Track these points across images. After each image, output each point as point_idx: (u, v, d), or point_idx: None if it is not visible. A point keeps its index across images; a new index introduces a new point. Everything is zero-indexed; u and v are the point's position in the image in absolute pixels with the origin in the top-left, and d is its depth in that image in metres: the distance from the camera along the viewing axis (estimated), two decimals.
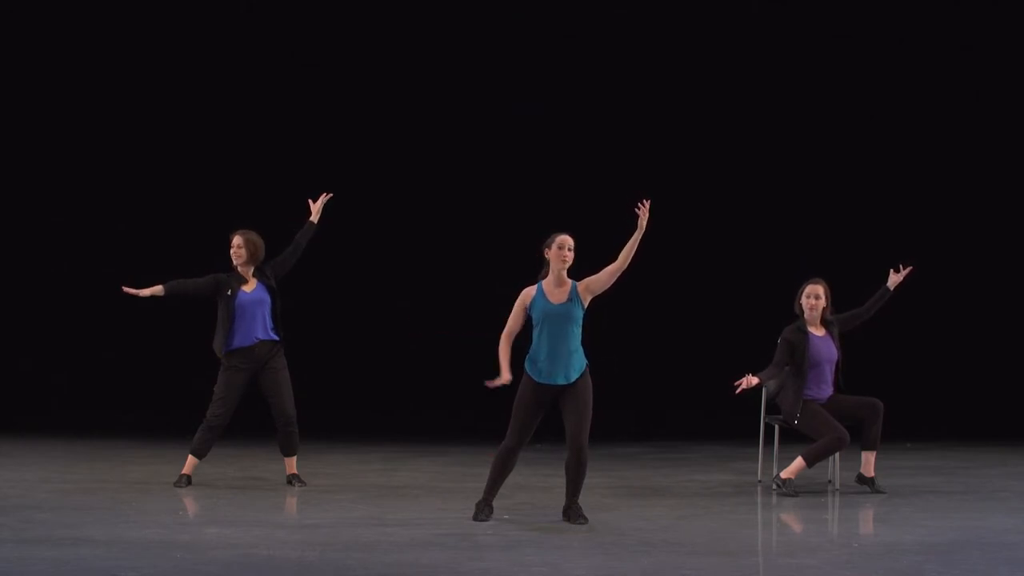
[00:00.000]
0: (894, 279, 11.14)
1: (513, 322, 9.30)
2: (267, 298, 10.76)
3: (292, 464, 11.02)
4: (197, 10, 15.71)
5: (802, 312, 10.90)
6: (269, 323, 10.77)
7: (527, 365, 9.25)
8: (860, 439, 10.85)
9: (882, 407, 10.81)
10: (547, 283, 9.24)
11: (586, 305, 9.22)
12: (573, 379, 9.18)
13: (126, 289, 10.67)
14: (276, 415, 10.84)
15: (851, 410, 10.82)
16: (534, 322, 9.22)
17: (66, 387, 16.10)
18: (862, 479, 10.91)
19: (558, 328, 9.15)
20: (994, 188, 15.64)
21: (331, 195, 11.10)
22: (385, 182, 15.92)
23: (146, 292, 10.65)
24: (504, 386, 9.17)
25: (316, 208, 11.07)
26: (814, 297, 10.87)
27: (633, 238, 9.10)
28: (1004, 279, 15.63)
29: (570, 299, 9.19)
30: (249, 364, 10.71)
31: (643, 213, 9.12)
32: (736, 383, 10.31)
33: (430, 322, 15.78)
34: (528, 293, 9.26)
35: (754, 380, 10.37)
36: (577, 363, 9.21)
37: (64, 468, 11.99)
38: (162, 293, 10.68)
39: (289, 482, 10.96)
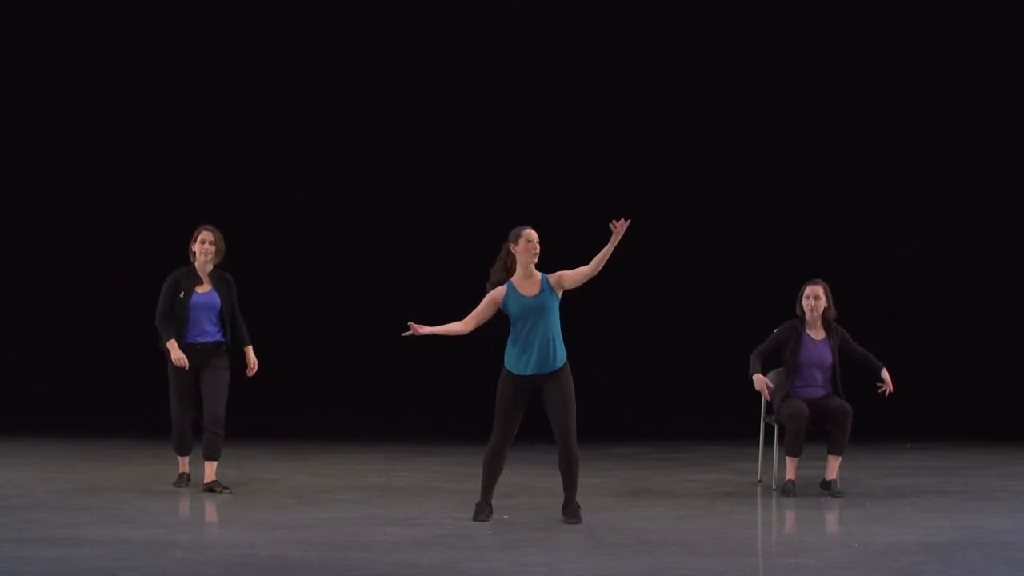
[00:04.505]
0: (885, 378, 10.83)
1: (479, 313, 9.29)
2: (218, 301, 10.76)
3: (212, 470, 10.77)
4: (186, 10, 15.69)
5: (803, 314, 10.90)
6: (217, 325, 10.78)
7: (507, 360, 9.28)
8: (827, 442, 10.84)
9: (851, 412, 10.69)
10: (516, 278, 9.29)
11: (559, 296, 9.25)
12: (555, 368, 9.21)
13: (175, 360, 10.61)
14: (205, 413, 10.75)
15: (827, 412, 10.76)
16: (512, 318, 9.26)
17: (64, 387, 16.08)
18: (823, 483, 10.81)
19: (537, 319, 9.20)
20: (994, 187, 15.61)
21: (255, 371, 10.91)
22: (385, 181, 15.90)
23: (177, 355, 10.61)
24: (413, 335, 9.23)
25: (250, 365, 10.90)
26: (813, 298, 10.86)
27: (606, 249, 9.12)
28: (1004, 279, 15.61)
29: (542, 290, 9.24)
30: (195, 361, 10.70)
31: (617, 231, 9.11)
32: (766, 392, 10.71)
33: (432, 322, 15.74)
34: (500, 291, 9.29)
35: (766, 382, 10.70)
36: (559, 351, 9.26)
37: (64, 468, 11.99)
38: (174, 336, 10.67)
39: (211, 489, 10.69)
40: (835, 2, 15.50)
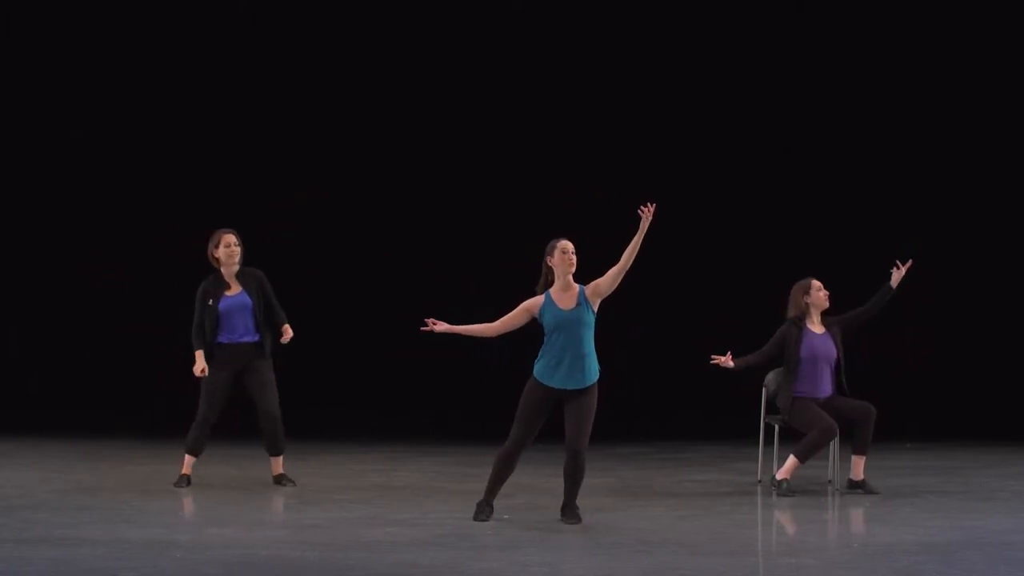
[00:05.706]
0: (896, 276, 11.03)
1: (509, 319, 9.30)
2: (250, 301, 10.75)
3: (279, 464, 10.98)
4: (186, 10, 15.68)
5: (805, 310, 10.86)
6: (252, 325, 10.77)
7: (536, 369, 9.25)
8: (851, 442, 10.84)
9: (874, 412, 10.76)
10: (554, 290, 9.24)
11: (595, 309, 9.23)
12: (588, 384, 9.19)
13: (196, 372, 10.69)
14: (261, 415, 10.80)
15: (844, 412, 10.79)
16: (547, 329, 9.23)
17: (65, 386, 16.08)
18: (852, 484, 10.85)
19: (572, 334, 9.15)
20: (994, 187, 15.61)
21: (287, 339, 10.91)
22: (385, 181, 15.90)
23: (200, 365, 10.68)
24: (431, 331, 9.28)
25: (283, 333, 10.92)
26: (824, 289, 10.88)
27: (635, 240, 9.12)
28: (1003, 279, 15.61)
29: (579, 304, 9.20)
30: (232, 362, 10.71)
31: (646, 216, 9.14)
32: (713, 357, 10.62)
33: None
34: (536, 301, 9.26)
35: (730, 363, 10.62)
36: (592, 367, 9.22)
37: (64, 468, 11.99)
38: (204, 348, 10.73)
39: (278, 482, 10.90)
40: (835, 2, 15.50)
